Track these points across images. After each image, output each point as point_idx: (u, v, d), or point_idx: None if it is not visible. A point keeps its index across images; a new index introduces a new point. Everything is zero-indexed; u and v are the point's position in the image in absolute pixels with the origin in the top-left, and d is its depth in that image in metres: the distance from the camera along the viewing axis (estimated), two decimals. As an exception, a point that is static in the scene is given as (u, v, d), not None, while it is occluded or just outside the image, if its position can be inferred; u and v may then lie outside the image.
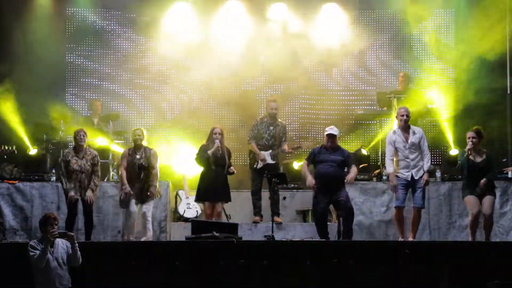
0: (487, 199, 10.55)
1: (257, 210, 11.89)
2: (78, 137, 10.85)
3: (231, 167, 11.36)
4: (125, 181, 10.92)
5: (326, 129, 10.99)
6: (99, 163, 10.99)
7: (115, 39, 14.67)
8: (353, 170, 10.88)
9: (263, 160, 11.72)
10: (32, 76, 13.63)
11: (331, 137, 10.83)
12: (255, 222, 11.84)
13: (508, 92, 13.60)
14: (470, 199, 10.62)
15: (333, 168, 10.73)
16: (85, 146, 10.88)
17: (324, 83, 14.69)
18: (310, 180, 10.77)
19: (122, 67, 14.62)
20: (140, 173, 10.96)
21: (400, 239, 10.78)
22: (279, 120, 12.13)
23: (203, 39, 14.44)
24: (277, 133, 11.87)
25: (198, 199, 11.51)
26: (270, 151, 11.78)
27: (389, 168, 10.84)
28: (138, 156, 11.01)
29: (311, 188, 10.85)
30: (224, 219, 11.57)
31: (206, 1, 14.57)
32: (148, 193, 10.92)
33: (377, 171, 12.56)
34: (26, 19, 13.85)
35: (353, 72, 14.68)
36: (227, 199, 11.41)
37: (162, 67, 14.56)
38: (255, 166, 11.80)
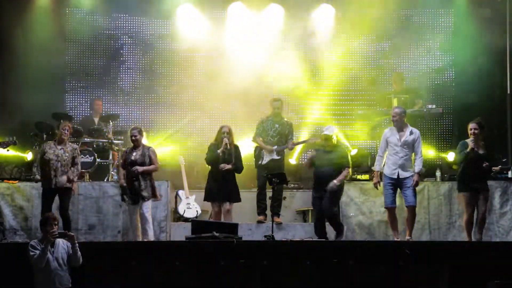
0: (483, 195, 10.58)
1: (261, 210, 11.85)
2: (62, 130, 10.89)
3: (222, 164, 11.25)
4: (121, 176, 11.00)
5: (324, 129, 11.11)
6: (80, 156, 10.96)
7: (116, 39, 14.67)
8: (343, 174, 10.93)
9: (271, 151, 11.75)
10: (32, 76, 13.63)
11: (326, 138, 10.98)
12: (260, 222, 11.80)
13: (508, 92, 13.61)
14: (463, 196, 10.64)
15: (324, 168, 10.88)
16: (66, 140, 10.88)
17: (325, 83, 14.69)
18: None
19: (123, 67, 14.62)
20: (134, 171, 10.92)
21: (395, 238, 10.78)
22: (285, 119, 12.15)
23: (208, 39, 14.48)
24: (282, 130, 11.93)
25: (206, 198, 11.47)
26: (276, 146, 11.82)
27: (377, 165, 10.97)
28: (134, 153, 11.00)
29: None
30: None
31: (211, 2, 14.60)
32: (145, 193, 10.89)
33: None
34: (26, 18, 13.83)
35: (353, 71, 14.69)
36: (236, 199, 11.37)
37: (163, 67, 14.57)
38: (260, 162, 11.85)
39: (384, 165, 10.92)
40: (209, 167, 11.51)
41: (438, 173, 12.20)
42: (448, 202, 11.83)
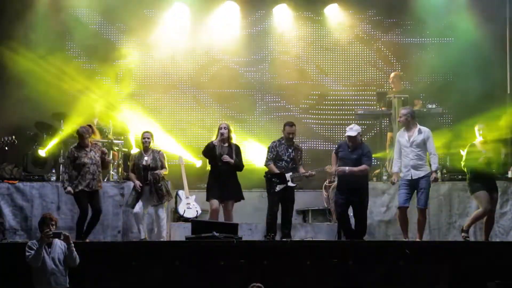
0: (495, 196, 10.59)
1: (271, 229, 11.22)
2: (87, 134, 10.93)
3: (224, 156, 11.12)
4: (135, 179, 11.05)
5: (347, 129, 10.90)
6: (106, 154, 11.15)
7: (116, 39, 14.67)
8: (360, 167, 10.73)
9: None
10: (32, 76, 13.62)
11: (350, 138, 10.78)
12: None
13: (508, 92, 13.60)
14: (483, 195, 10.57)
15: (350, 166, 10.72)
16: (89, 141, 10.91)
17: (324, 84, 14.71)
18: (333, 169, 10.86)
19: (123, 67, 14.62)
20: (146, 175, 11.01)
21: (404, 239, 10.73)
22: (296, 143, 11.66)
23: (203, 40, 14.48)
24: (295, 155, 11.39)
25: (207, 197, 11.31)
26: (291, 173, 11.26)
27: (394, 167, 10.87)
28: (146, 158, 11.11)
29: (331, 174, 11.00)
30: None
31: (203, 1, 14.59)
32: (159, 196, 10.99)
33: (377, 171, 12.56)
34: (27, 16, 13.81)
35: (354, 72, 14.71)
36: (238, 197, 11.26)
37: (162, 68, 14.56)
38: (272, 189, 11.19)
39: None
40: (209, 166, 11.48)
41: (438, 173, 12.16)
42: (448, 202, 11.83)
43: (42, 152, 12.47)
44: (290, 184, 11.18)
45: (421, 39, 14.56)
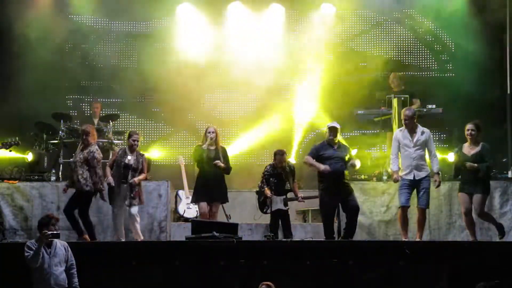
0: (475, 198, 10.51)
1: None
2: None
3: (217, 161, 11.11)
4: (108, 173, 10.87)
5: (328, 123, 10.97)
6: (94, 158, 10.82)
7: (116, 40, 14.69)
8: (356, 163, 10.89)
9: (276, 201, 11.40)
10: (32, 76, 13.63)
11: (333, 130, 10.80)
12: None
13: (508, 92, 13.61)
14: (460, 197, 10.65)
15: (340, 165, 10.72)
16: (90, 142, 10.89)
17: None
18: (323, 166, 10.63)
19: (123, 67, 14.65)
20: (126, 174, 10.86)
21: (403, 239, 10.73)
22: (287, 163, 11.69)
23: (208, 42, 14.51)
24: (286, 176, 11.51)
25: (195, 200, 11.28)
26: (284, 196, 11.41)
27: (393, 166, 10.79)
28: (129, 158, 10.93)
29: (326, 172, 10.64)
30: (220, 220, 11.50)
31: (209, 3, 14.61)
32: (133, 195, 10.86)
33: (377, 171, 12.56)
34: (26, 19, 13.83)
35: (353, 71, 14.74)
36: (224, 199, 11.27)
37: (163, 69, 14.59)
38: (264, 211, 11.46)
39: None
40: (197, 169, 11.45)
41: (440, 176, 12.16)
42: (448, 202, 11.83)
43: (29, 157, 12.54)
44: (282, 207, 11.29)
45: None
